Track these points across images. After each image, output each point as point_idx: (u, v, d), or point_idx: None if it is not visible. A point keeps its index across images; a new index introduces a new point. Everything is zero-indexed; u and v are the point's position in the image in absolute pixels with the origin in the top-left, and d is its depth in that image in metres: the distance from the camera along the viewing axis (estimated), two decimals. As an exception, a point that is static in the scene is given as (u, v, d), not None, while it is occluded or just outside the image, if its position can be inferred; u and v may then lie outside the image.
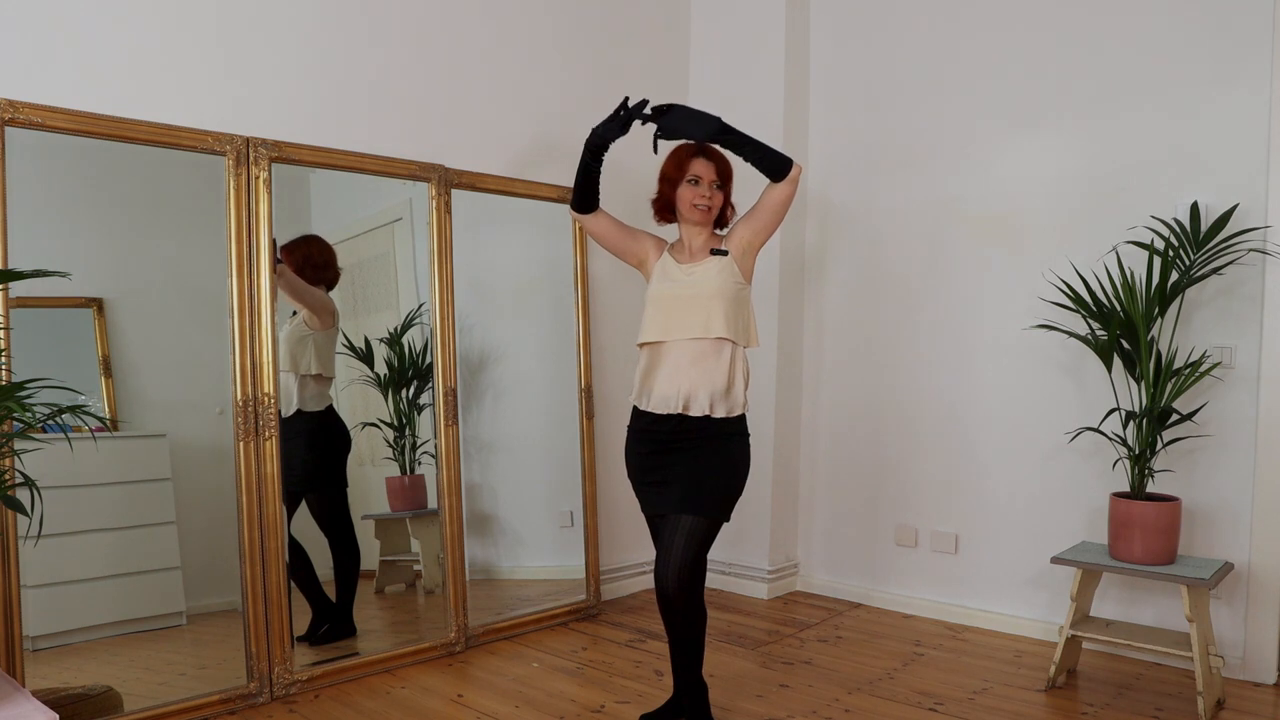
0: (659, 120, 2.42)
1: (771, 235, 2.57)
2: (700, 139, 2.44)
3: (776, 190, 2.48)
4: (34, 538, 2.16)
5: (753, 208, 2.53)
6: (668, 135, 2.43)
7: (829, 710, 2.74)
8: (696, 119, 2.41)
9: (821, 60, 4.04)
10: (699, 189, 2.49)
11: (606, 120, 2.48)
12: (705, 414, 2.43)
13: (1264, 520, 2.94)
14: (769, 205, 2.50)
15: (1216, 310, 3.05)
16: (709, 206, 2.50)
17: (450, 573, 3.22)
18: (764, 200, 2.51)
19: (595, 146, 2.50)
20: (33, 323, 2.46)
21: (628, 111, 2.45)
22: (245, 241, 2.74)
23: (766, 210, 2.51)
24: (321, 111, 3.02)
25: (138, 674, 2.62)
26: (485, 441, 3.54)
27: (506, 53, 3.58)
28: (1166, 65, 3.13)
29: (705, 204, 2.49)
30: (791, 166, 2.45)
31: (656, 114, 2.42)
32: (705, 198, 2.49)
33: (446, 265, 3.24)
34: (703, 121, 2.40)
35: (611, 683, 2.96)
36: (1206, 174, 3.05)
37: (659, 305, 2.50)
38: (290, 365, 2.96)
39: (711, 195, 2.50)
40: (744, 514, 3.89)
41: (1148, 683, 2.99)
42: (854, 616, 3.72)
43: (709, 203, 2.49)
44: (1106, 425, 3.09)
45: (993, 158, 3.53)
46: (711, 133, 2.41)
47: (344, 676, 2.94)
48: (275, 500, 2.77)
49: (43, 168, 2.46)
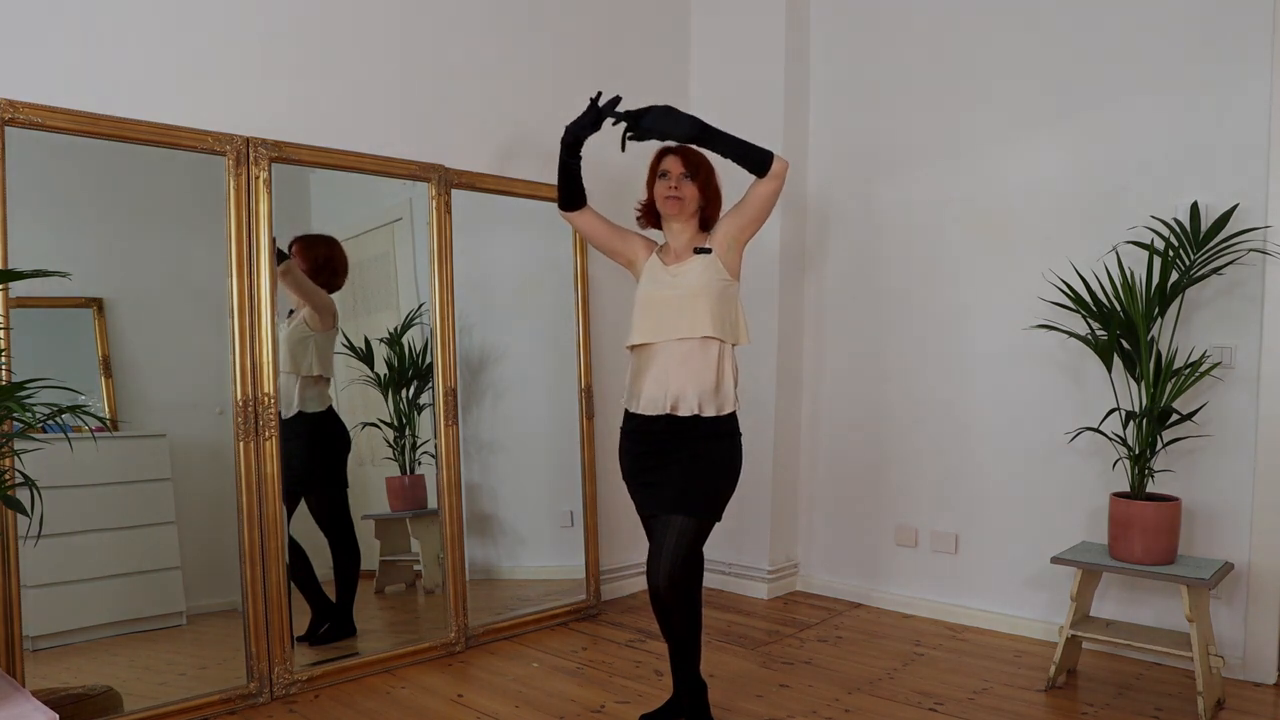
0: (631, 120, 2.44)
1: (758, 229, 2.57)
2: (679, 139, 2.46)
3: (760, 185, 2.49)
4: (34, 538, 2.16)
5: (738, 203, 2.54)
6: (639, 136, 2.45)
7: (829, 710, 2.74)
8: (673, 119, 2.43)
9: (821, 60, 4.04)
10: (668, 181, 2.52)
11: (579, 117, 2.51)
12: (694, 413, 2.43)
13: (1264, 520, 2.94)
14: (753, 200, 2.51)
15: (1216, 310, 3.05)
16: (679, 197, 2.51)
17: (450, 573, 3.22)
18: (749, 195, 2.52)
19: (569, 143, 2.53)
20: (33, 323, 2.46)
21: (599, 109, 2.48)
22: (245, 241, 2.74)
23: (751, 205, 2.52)
24: (321, 111, 3.02)
25: (138, 674, 2.62)
26: (485, 441, 3.54)
27: (507, 53, 3.58)
28: (1166, 65, 3.13)
29: (675, 194, 2.51)
30: (772, 160, 2.46)
31: (632, 115, 2.44)
32: (674, 188, 2.51)
33: (446, 265, 3.24)
34: (680, 122, 2.42)
35: (611, 683, 2.96)
36: (1206, 174, 3.05)
37: (645, 307, 2.51)
38: (291, 367, 2.96)
39: (680, 185, 2.51)
40: (744, 514, 3.90)
41: (1148, 683, 2.99)
42: (854, 616, 3.72)
43: (679, 193, 2.51)
44: (1106, 425, 3.09)
45: (992, 157, 3.53)
46: (690, 134, 2.43)
47: (344, 676, 2.94)
48: (275, 500, 2.77)
49: (43, 168, 2.46)
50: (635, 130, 2.45)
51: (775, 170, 2.47)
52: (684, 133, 2.43)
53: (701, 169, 2.55)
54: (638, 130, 2.44)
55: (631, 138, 2.47)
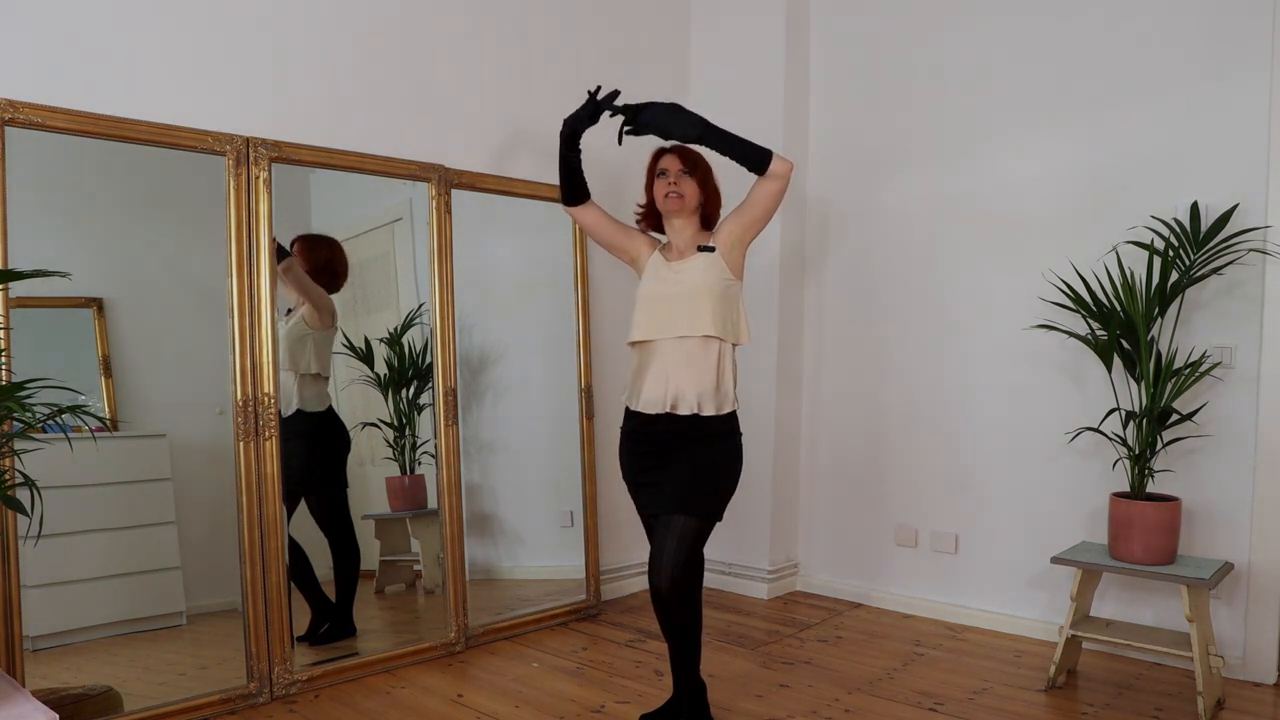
0: (630, 114, 2.44)
1: (762, 229, 2.57)
2: (681, 139, 2.46)
3: (763, 185, 2.49)
4: (34, 538, 2.16)
5: (742, 202, 2.54)
6: (638, 130, 2.45)
7: (829, 710, 2.74)
8: (679, 117, 2.43)
9: (821, 60, 4.04)
10: (667, 179, 2.53)
11: (577, 110, 2.51)
12: (694, 412, 2.43)
13: (1264, 520, 2.94)
14: (756, 200, 2.51)
15: (1216, 310, 3.05)
16: (679, 194, 2.51)
17: (450, 573, 3.22)
18: (752, 195, 2.52)
19: (567, 136, 2.55)
20: (33, 323, 2.46)
21: (597, 101, 2.48)
22: (245, 241, 2.74)
23: (754, 205, 2.52)
24: (321, 111, 3.02)
25: (138, 674, 2.62)
26: (485, 441, 3.54)
27: (507, 53, 3.58)
28: (1167, 65, 3.13)
29: (675, 191, 2.51)
30: (770, 159, 2.45)
31: (631, 109, 2.44)
32: (673, 184, 2.52)
33: (446, 265, 3.24)
34: (686, 121, 2.42)
35: (611, 683, 2.96)
36: (1206, 174, 3.05)
37: (647, 304, 2.51)
38: (290, 364, 2.97)
39: (679, 182, 2.51)
40: (744, 514, 3.90)
41: (1148, 683, 2.99)
42: (854, 616, 3.72)
43: (678, 190, 2.51)
44: (1106, 425, 3.09)
45: (992, 157, 3.53)
46: (694, 134, 2.43)
47: (344, 676, 2.94)
48: (275, 500, 2.77)
49: (43, 168, 2.46)
50: (634, 124, 2.45)
51: (777, 170, 2.46)
52: (688, 133, 2.43)
53: (699, 165, 2.55)
54: (636, 124, 2.44)
55: (629, 132, 2.47)
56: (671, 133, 2.44)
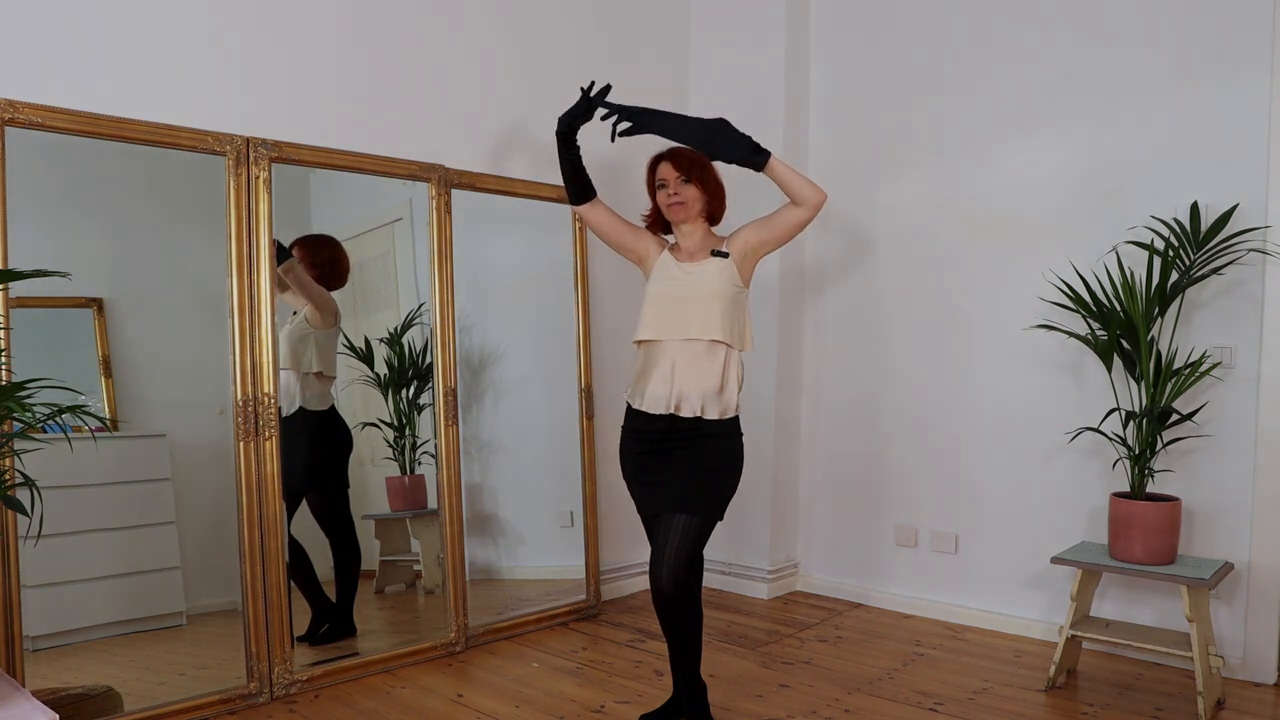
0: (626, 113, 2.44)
1: (776, 249, 2.58)
2: (727, 160, 2.43)
3: (795, 211, 2.49)
4: (34, 538, 2.16)
5: (768, 216, 2.53)
6: (632, 131, 2.46)
7: (829, 710, 2.74)
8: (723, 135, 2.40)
9: (821, 60, 4.04)
10: (668, 190, 2.53)
11: (571, 107, 2.52)
12: (697, 415, 2.43)
13: (1264, 520, 2.94)
14: (783, 222, 2.51)
15: (1216, 310, 3.05)
16: (682, 202, 2.51)
17: (450, 573, 3.22)
18: (780, 216, 2.51)
19: (562, 133, 2.55)
20: (33, 323, 2.46)
21: (590, 98, 2.48)
22: (245, 241, 2.74)
23: (778, 225, 2.51)
24: (321, 111, 3.02)
25: (138, 674, 2.62)
26: (485, 441, 3.54)
27: (507, 53, 3.58)
28: (1166, 65, 3.13)
29: (678, 200, 2.51)
30: (816, 196, 2.45)
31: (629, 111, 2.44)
32: (674, 194, 2.51)
33: (446, 265, 3.24)
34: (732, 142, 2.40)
35: (611, 683, 2.97)
36: (1206, 174, 3.05)
37: (656, 304, 2.51)
38: (291, 363, 2.97)
39: (679, 190, 2.51)
40: (744, 514, 3.90)
41: (1148, 683, 2.99)
42: (854, 616, 3.72)
43: (681, 197, 2.51)
44: (1106, 425, 3.09)
45: (993, 158, 3.53)
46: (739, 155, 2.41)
47: (344, 676, 2.94)
48: (275, 500, 2.77)
49: (43, 168, 2.46)
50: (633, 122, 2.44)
51: (812, 199, 2.45)
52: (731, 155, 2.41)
53: (696, 166, 2.52)
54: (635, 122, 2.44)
55: (623, 132, 2.46)
56: (719, 153, 2.42)
